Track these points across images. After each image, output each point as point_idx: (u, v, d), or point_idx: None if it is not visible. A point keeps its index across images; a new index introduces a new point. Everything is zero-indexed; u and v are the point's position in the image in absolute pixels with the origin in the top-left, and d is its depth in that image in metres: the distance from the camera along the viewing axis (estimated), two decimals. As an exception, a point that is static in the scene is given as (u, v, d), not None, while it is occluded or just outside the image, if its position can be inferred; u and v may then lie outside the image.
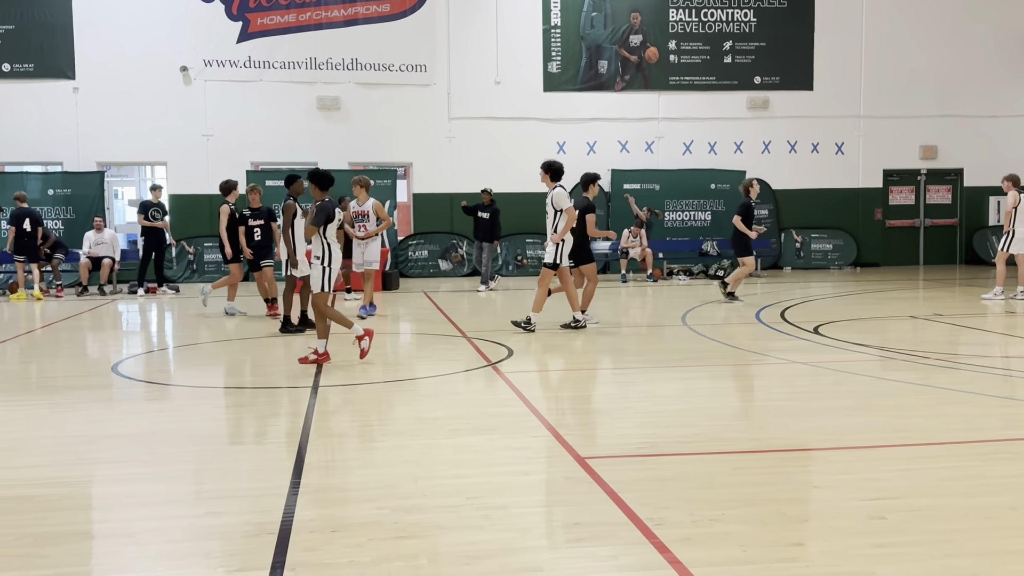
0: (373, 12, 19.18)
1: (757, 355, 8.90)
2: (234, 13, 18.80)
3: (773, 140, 20.52)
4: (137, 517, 4.28)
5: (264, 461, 5.27)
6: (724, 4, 20.18)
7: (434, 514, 4.19)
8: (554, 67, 19.78)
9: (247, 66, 18.87)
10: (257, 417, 6.61)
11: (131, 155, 19.18)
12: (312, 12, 19.00)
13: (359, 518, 4.15)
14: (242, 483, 4.85)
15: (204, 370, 8.64)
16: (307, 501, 4.40)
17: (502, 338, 9.94)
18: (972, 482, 4.61)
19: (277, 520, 4.13)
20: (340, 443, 5.63)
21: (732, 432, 5.81)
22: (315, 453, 5.31)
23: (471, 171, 19.07)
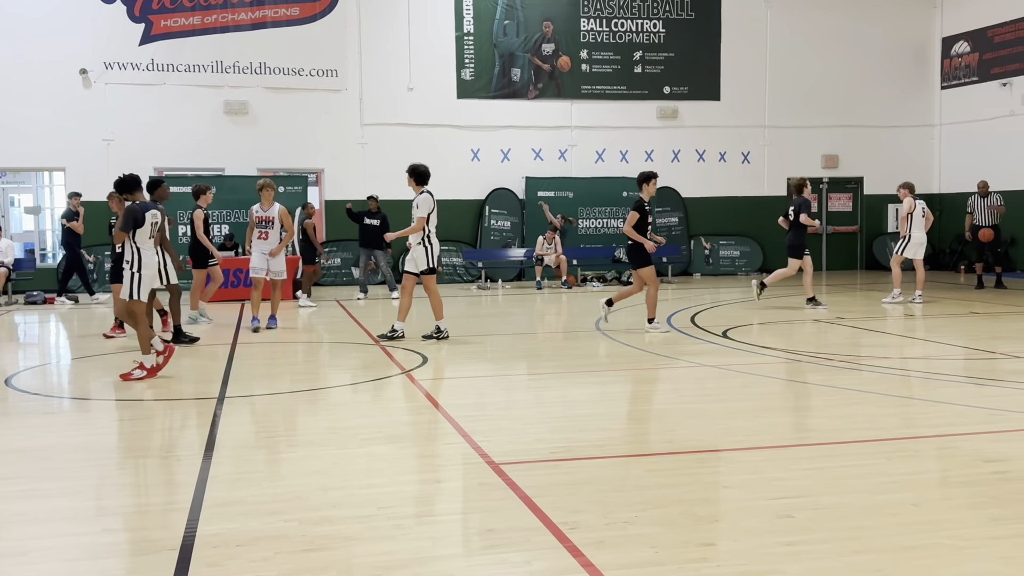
0: (282, 16, 18.84)
1: (669, 359, 9.02)
2: (136, 15, 18.21)
3: (682, 149, 20.92)
4: (31, 535, 4.06)
5: (166, 475, 5.07)
6: (634, 15, 20.50)
7: (344, 525, 4.09)
8: (467, 74, 19.77)
9: (150, 69, 18.30)
10: (160, 430, 6.37)
11: (27, 160, 18.36)
12: (218, 15, 18.56)
13: (265, 532, 4.02)
14: (142, 498, 4.65)
15: (104, 382, 8.29)
16: (211, 515, 4.25)
17: (416, 346, 9.84)
18: (875, 480, 4.73)
19: (179, 536, 3.97)
20: (246, 455, 5.46)
21: (645, 435, 5.85)
22: (220, 466, 5.13)
23: (384, 178, 18.88)
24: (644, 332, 10.68)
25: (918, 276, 14.09)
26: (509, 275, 19.58)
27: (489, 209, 19.88)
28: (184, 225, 16.86)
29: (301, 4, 18.90)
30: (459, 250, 19.65)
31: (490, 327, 12.40)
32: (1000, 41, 19.91)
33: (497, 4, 19.77)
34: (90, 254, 17.86)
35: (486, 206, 19.86)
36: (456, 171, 19.56)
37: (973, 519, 4.08)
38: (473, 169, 19.83)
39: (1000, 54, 19.92)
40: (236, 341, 10.60)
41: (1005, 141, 19.64)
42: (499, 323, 13.08)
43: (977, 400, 6.84)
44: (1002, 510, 4.19)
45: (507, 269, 19.57)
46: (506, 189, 19.96)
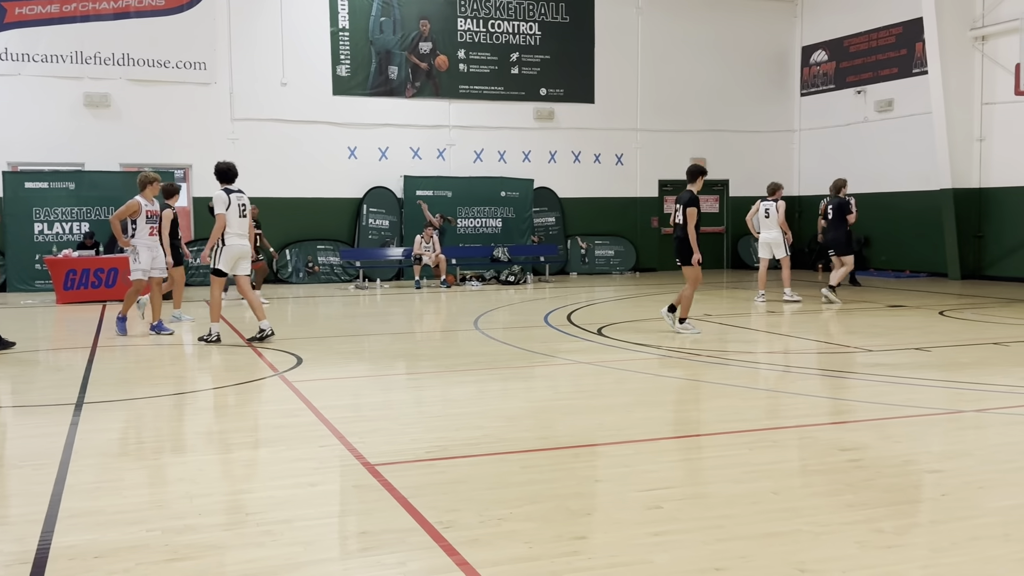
0: (147, 5, 18.08)
1: (545, 356, 9.12)
2: (-14, -1, 17.14)
3: (559, 150, 21.22)
4: None
5: (19, 485, 4.78)
6: (510, 16, 20.66)
7: (210, 533, 3.95)
8: (343, 71, 19.48)
9: (3, 59, 17.25)
10: (13, 438, 6.00)
11: None
12: (78, 3, 17.65)
13: (125, 542, 3.84)
14: (-10, 512, 4.37)
15: (-51, 390, 7.76)
16: (67, 526, 4.03)
17: (291, 346, 9.62)
18: (739, 470, 4.91)
19: (32, 548, 3.75)
20: (106, 463, 5.21)
21: (521, 432, 5.90)
22: (78, 475, 4.87)
23: (257, 175, 18.39)
24: (675, 333, 10.39)
25: (784, 274, 14.37)
26: (387, 274, 19.41)
27: (367, 208, 19.65)
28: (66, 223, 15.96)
29: (167, -6, 18.20)
30: (336, 249, 19.34)
31: (367, 327, 12.26)
32: (855, 51, 21.05)
33: (373, 1, 19.55)
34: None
35: (364, 204, 19.62)
36: (333, 169, 19.26)
37: (829, 505, 4.29)
38: (350, 167, 19.56)
39: (855, 63, 21.06)
40: (96, 344, 10.11)
41: (860, 146, 20.78)
42: (377, 323, 12.94)
43: (833, 392, 7.20)
44: (856, 496, 4.42)
45: (385, 268, 19.40)
46: (384, 188, 19.78)
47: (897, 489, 4.58)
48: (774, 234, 14.25)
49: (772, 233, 14.26)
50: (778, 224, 14.20)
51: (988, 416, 6.28)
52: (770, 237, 14.30)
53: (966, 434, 5.81)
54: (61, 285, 15.03)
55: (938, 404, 6.67)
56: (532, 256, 20.03)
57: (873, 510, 4.20)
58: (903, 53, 19.74)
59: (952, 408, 6.51)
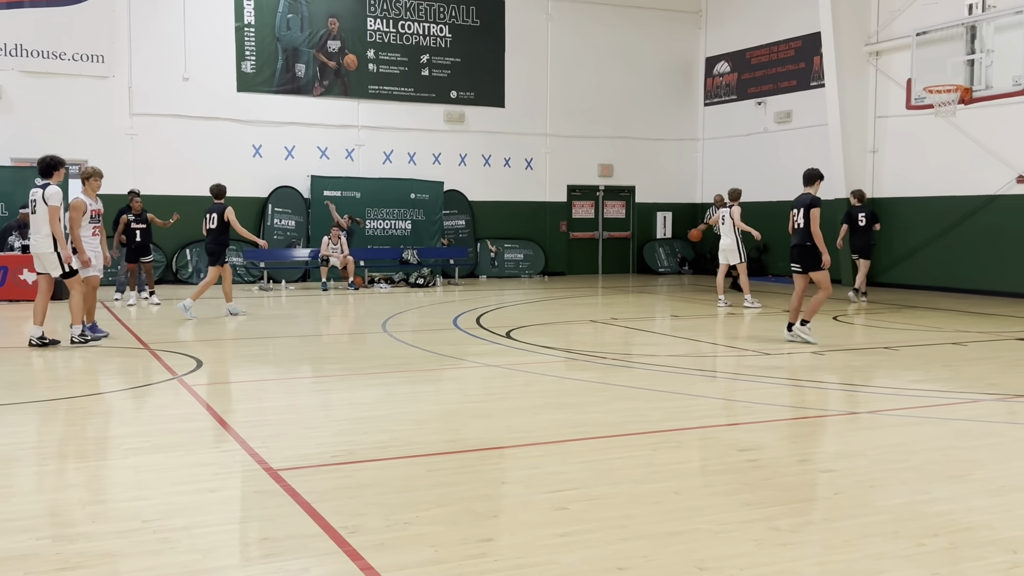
0: (41, -6, 17.35)
1: (454, 359, 9.11)
2: None
3: (469, 153, 21.23)
4: None
5: None
6: (421, 18, 20.57)
7: (104, 541, 3.81)
8: (248, 67, 19.06)
9: None
10: None
11: None
12: (-35, -13, 16.82)
13: (13, 551, 3.67)
14: None
15: None
16: (-53, 539, 3.82)
17: (191, 349, 9.36)
18: (643, 470, 5.00)
19: (-93, 564, 3.55)
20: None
21: (429, 435, 5.87)
22: (-40, 484, 4.63)
23: (156, 171, 17.87)
24: (785, 340, 10.15)
25: (719, 281, 14.49)
26: (293, 276, 19.08)
27: (272, 207, 19.27)
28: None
29: (63, -18, 17.49)
30: (240, 249, 18.89)
31: (272, 329, 12.02)
32: (756, 63, 21.71)
33: (281, -3, 19.19)
34: None
35: (269, 204, 19.24)
36: (236, 167, 18.80)
37: (728, 504, 4.41)
38: (255, 166, 19.15)
39: (756, 75, 21.72)
40: (-17, 346, 9.64)
41: (760, 155, 21.43)
42: (282, 325, 12.70)
43: (734, 394, 7.41)
44: (753, 495, 4.56)
45: (291, 270, 19.06)
46: (290, 187, 19.43)
47: (793, 488, 4.74)
48: (730, 240, 14.19)
49: (728, 240, 14.21)
50: (734, 230, 14.12)
51: (879, 417, 6.55)
52: (726, 244, 14.25)
53: (858, 435, 6.05)
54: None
55: (832, 406, 6.93)
56: (441, 259, 19.97)
57: (770, 508, 4.33)
58: (801, 66, 20.46)
59: (845, 410, 6.77)
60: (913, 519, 4.18)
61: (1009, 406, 7.02)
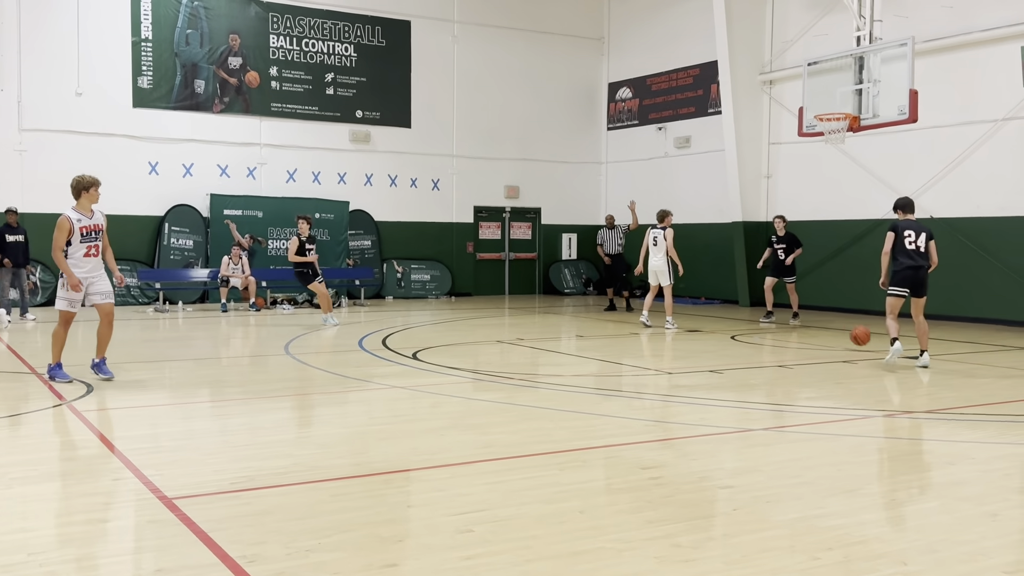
0: (-79, 0, 16.53)
1: (360, 381, 8.99)
2: None
3: (375, 173, 21.09)
4: None
5: None
6: (325, 36, 20.40)
7: (-16, 578, 3.61)
8: (145, 82, 18.52)
9: None
10: None
11: None
12: None
13: None
14: None
15: None
16: None
17: (79, 373, 8.97)
18: (548, 490, 5.02)
19: None
20: None
21: (333, 459, 5.77)
22: None
23: (47, 189, 17.14)
24: (920, 367, 9.93)
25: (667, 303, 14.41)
26: (191, 297, 18.54)
27: (169, 226, 18.72)
28: None
29: (-55, -11, 16.71)
30: (134, 269, 18.29)
31: (168, 352, 11.64)
32: (657, 89, 22.27)
33: (179, 12, 18.77)
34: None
35: (165, 223, 18.68)
36: (132, 185, 18.23)
37: (632, 522, 4.46)
38: (151, 183, 18.60)
39: (657, 101, 22.27)
40: None
41: (661, 179, 21.93)
42: (179, 348, 12.31)
43: (637, 412, 7.52)
44: (656, 512, 4.62)
45: (189, 290, 18.52)
46: (188, 206, 18.92)
47: (693, 504, 4.83)
48: (661, 261, 14.25)
49: (659, 260, 14.27)
50: (666, 251, 14.22)
51: (775, 434, 6.75)
52: (657, 264, 14.30)
53: (755, 451, 6.22)
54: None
55: (730, 423, 7.10)
56: (347, 279, 19.74)
57: (672, 525, 4.40)
58: (700, 93, 21.07)
59: (743, 427, 6.95)
60: (808, 533, 4.31)
61: (897, 422, 7.33)
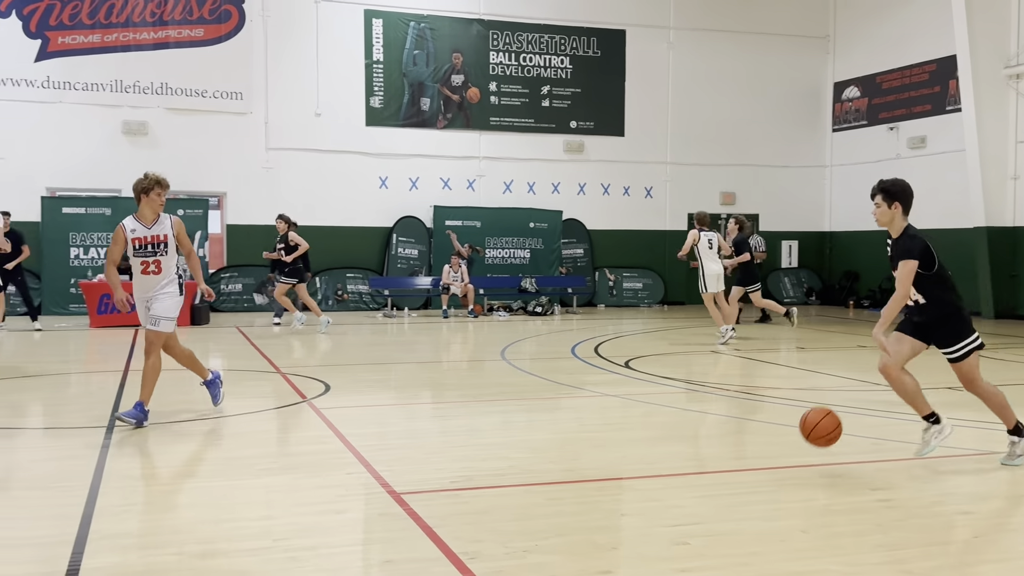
0: (186, 36, 18.47)
1: (572, 388, 9.10)
2: (32, 30, 17.59)
3: (588, 182, 21.29)
4: None
5: (51, 507, 4.84)
6: (542, 51, 20.86)
7: (236, 558, 3.97)
8: (376, 102, 19.74)
9: (46, 86, 17.67)
10: (44, 459, 6.08)
11: (-94, 176, 17.44)
12: (119, 33, 18.07)
13: (153, 565, 3.87)
14: (26, 531, 4.43)
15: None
16: (97, 548, 4.07)
17: (319, 373, 9.68)
18: (767, 507, 4.86)
19: (63, 569, 3.80)
20: (136, 486, 5.26)
21: (547, 464, 5.88)
22: (108, 497, 4.93)
23: (289, 203, 18.61)
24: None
25: (724, 310, 13.56)
26: (415, 303, 19.50)
27: (396, 237, 19.80)
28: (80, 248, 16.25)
29: (206, 25, 18.58)
30: (365, 277, 19.49)
31: (395, 355, 12.31)
32: (888, 87, 20.99)
33: (407, 34, 19.85)
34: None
35: (393, 233, 19.77)
36: (364, 198, 19.46)
37: (859, 545, 4.23)
38: (381, 197, 19.75)
39: (888, 99, 20.99)
40: (128, 368, 10.24)
41: (891, 183, 20.59)
42: (404, 351, 12.99)
43: (863, 430, 7.12)
44: (886, 536, 4.36)
45: (413, 297, 19.49)
46: (414, 217, 19.93)
47: (928, 530, 4.51)
48: (719, 266, 13.61)
49: (718, 265, 13.60)
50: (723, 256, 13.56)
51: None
52: (717, 269, 13.58)
53: (998, 475, 5.71)
54: (95, 309, 15.26)
55: (969, 444, 6.57)
56: (560, 287, 20.03)
57: (904, 551, 4.14)
58: (936, 90, 19.65)
59: (984, 449, 6.41)
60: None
61: None
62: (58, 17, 17.70)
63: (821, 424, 5.64)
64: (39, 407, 8.08)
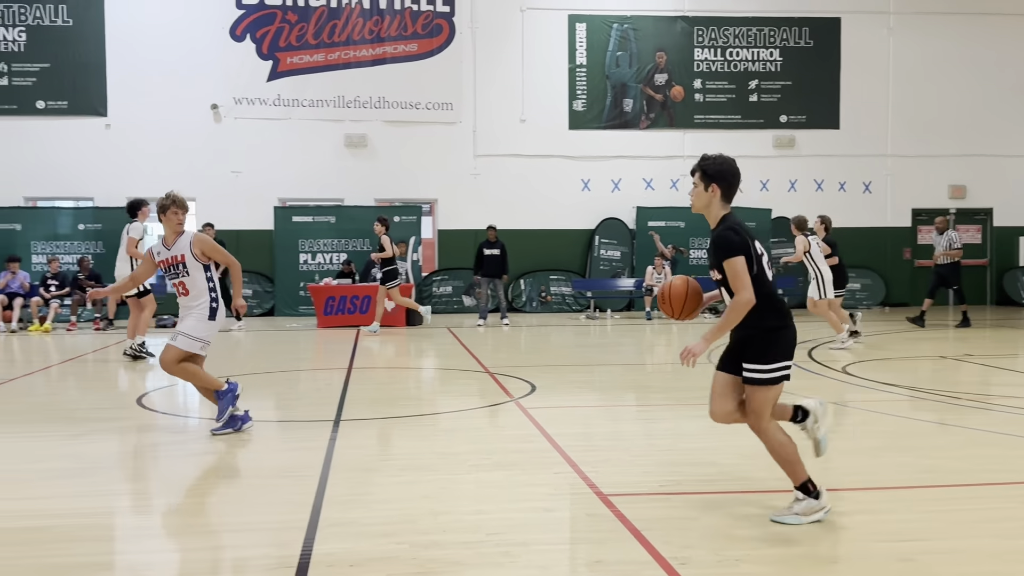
0: (401, 52, 19.45)
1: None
2: (264, 52, 19.13)
3: (799, 179, 20.46)
4: (154, 548, 4.26)
5: (284, 494, 5.23)
6: (749, 44, 20.26)
7: (453, 550, 4.14)
8: (579, 105, 19.92)
9: (276, 104, 19.15)
10: (278, 450, 6.58)
11: (160, 191, 19.29)
12: (341, 51, 19.30)
13: (377, 553, 4.10)
14: (264, 515, 4.82)
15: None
16: (326, 535, 4.36)
17: (525, 374, 9.89)
18: (1005, 524, 4.48)
19: (296, 554, 4.10)
20: (360, 477, 5.59)
21: (757, 471, 5.70)
22: (335, 487, 5.27)
23: (496, 208, 19.16)
24: None
25: (841, 316, 12.68)
26: (618, 305, 19.49)
27: (599, 239, 19.88)
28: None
29: (420, 40, 19.47)
30: (568, 279, 19.70)
31: (598, 357, 12.35)
32: None
33: (610, 36, 19.90)
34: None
35: (596, 236, 19.87)
36: (567, 201, 19.71)
37: (1116, 572, 3.82)
38: (583, 199, 19.91)
39: None
40: (352, 366, 10.89)
41: None
42: (607, 353, 13.01)
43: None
44: None
45: (616, 299, 19.49)
46: (616, 219, 19.94)
47: None
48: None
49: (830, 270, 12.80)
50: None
51: None
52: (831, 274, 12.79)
53: None
54: (322, 310, 16.35)
55: None
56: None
57: None
58: None
59: None
60: None
61: None
62: (287, 39, 19.13)
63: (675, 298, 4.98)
64: (273, 401, 8.76)
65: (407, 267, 17.37)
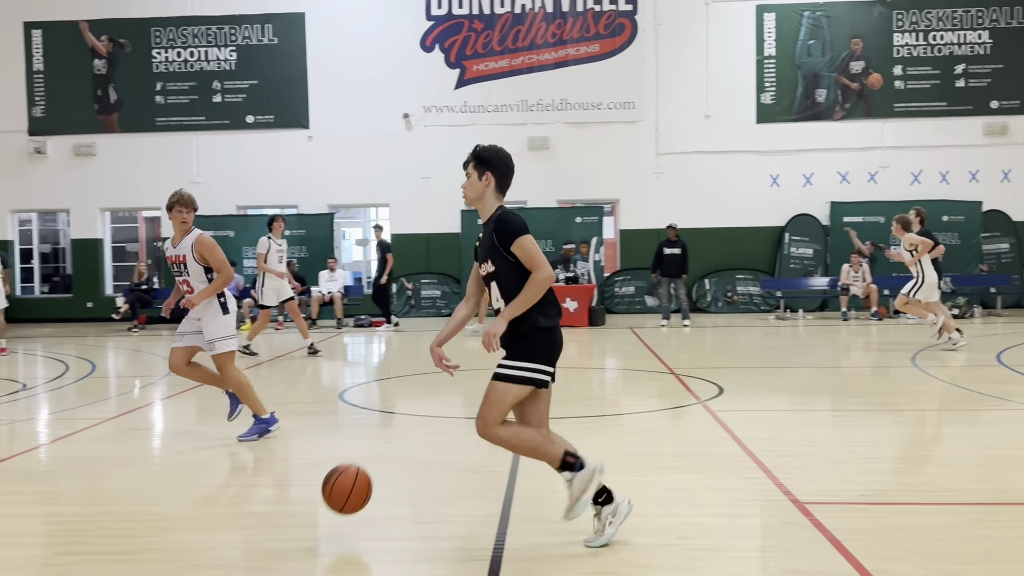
0: (583, 53, 19.53)
1: (996, 400, 8.13)
2: (452, 61, 19.72)
3: (1014, 168, 18.88)
4: (359, 536, 4.49)
5: (478, 489, 5.38)
6: (955, 26, 18.92)
7: (642, 553, 4.11)
8: (768, 98, 19.27)
9: (463, 111, 19.70)
10: (469, 445, 6.77)
11: (358, 198, 20.47)
12: (524, 56, 19.61)
13: (566, 551, 4.14)
14: (460, 509, 4.97)
15: (423, 399, 8.99)
16: (518, 530, 4.45)
17: (711, 375, 9.68)
18: None
19: (489, 547, 4.20)
20: (547, 475, 5.65)
21: (968, 482, 5.32)
22: (524, 484, 5.36)
23: (679, 206, 18.85)
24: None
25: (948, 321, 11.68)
26: (810, 305, 18.70)
27: (789, 236, 19.16)
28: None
29: (602, 40, 19.47)
30: (756, 279, 19.11)
31: (789, 359, 11.91)
32: None
33: (801, 25, 19.14)
34: (409, 281, 19.51)
35: (786, 233, 19.16)
36: (753, 198, 19.12)
37: None
38: (772, 195, 19.25)
39: None
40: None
41: None
42: (799, 355, 12.51)
43: None
44: None
45: (808, 299, 18.71)
46: (808, 215, 19.14)
47: None
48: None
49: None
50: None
51: None
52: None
53: None
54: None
55: None
56: (980, 287, 17.99)
57: None
58: None
59: None
60: None
61: None
62: (473, 47, 19.64)
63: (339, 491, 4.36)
64: (462, 399, 9.01)
65: (589, 267, 17.40)
